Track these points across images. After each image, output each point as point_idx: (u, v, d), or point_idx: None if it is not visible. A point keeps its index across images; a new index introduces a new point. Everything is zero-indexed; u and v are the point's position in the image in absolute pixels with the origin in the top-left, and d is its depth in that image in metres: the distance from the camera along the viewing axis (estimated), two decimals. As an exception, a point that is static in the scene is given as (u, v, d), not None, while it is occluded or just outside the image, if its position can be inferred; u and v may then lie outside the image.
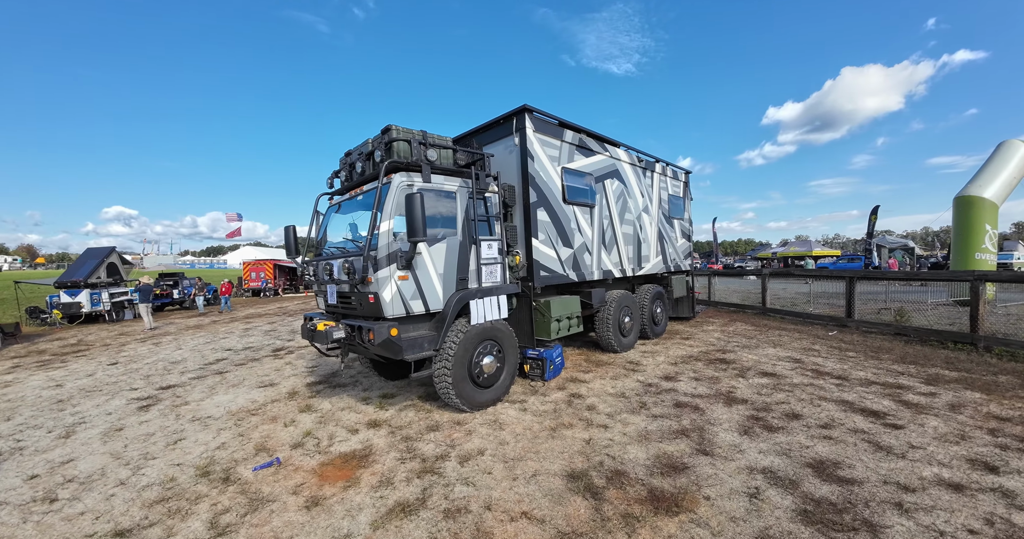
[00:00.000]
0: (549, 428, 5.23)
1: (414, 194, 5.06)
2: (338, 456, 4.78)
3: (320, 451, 4.92)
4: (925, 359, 7.43)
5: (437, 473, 4.30)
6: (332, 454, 4.83)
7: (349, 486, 4.15)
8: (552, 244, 7.01)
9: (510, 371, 6.29)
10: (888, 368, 7.00)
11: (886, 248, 27.61)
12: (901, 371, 6.82)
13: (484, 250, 6.17)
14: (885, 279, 9.72)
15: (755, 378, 6.72)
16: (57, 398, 7.28)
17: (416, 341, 5.53)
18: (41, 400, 7.22)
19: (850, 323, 9.89)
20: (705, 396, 6.04)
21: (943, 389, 5.98)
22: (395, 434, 5.25)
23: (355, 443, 5.07)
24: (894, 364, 7.22)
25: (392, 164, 5.50)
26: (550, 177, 7.01)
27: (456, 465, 4.44)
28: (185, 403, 6.81)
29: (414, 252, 5.33)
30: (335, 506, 3.85)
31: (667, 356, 8.21)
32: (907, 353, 7.83)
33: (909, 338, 8.79)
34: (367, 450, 4.87)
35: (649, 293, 9.48)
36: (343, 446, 5.01)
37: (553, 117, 7.18)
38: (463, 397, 5.68)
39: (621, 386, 6.58)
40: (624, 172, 8.82)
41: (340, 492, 4.06)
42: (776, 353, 8.15)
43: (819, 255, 35.81)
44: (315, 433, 5.41)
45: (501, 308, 6.20)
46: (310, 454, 4.87)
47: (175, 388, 7.58)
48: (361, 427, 5.52)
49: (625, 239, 8.76)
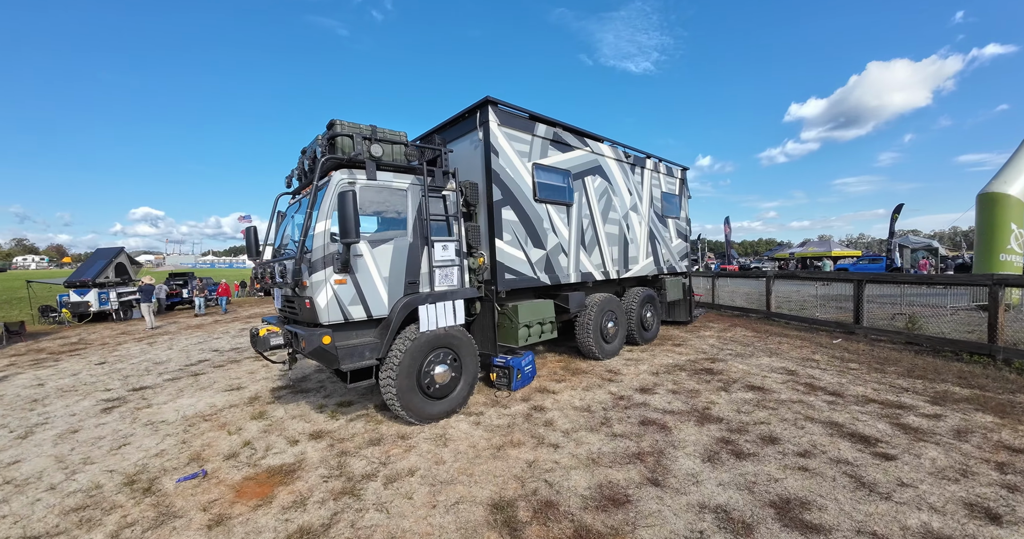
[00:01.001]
0: (495, 446, 4.70)
1: (346, 192, 4.63)
2: (265, 470, 4.42)
3: (250, 464, 4.58)
4: (935, 373, 6.55)
5: (356, 495, 3.88)
6: (260, 468, 4.49)
7: (261, 505, 3.81)
8: (520, 245, 6.46)
9: (468, 381, 5.78)
10: (891, 383, 6.17)
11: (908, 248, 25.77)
12: (906, 387, 5.99)
13: (438, 251, 5.68)
14: (895, 282, 8.78)
15: (739, 392, 6.01)
16: (33, 397, 7.16)
17: (356, 349, 5.10)
18: (18, 399, 7.11)
19: (858, 330, 8.97)
20: (677, 413, 5.39)
21: (950, 410, 5.16)
22: (333, 447, 4.84)
23: (289, 456, 4.69)
24: (899, 378, 6.37)
25: (331, 161, 5.08)
26: (518, 173, 6.46)
27: (379, 487, 4.00)
28: (148, 406, 6.57)
29: (348, 254, 4.89)
30: (236, 528, 3.52)
31: (651, 365, 7.55)
32: (916, 366, 6.94)
33: (921, 348, 7.86)
34: (297, 464, 4.49)
35: (638, 296, 8.80)
36: (275, 459, 4.64)
37: (523, 110, 6.62)
38: (410, 409, 5.21)
39: (590, 398, 5.99)
40: (608, 168, 8.18)
41: (249, 512, 3.73)
42: (770, 363, 7.38)
43: (838, 256, 33.73)
44: (255, 443, 5.06)
45: (457, 314, 5.69)
46: (239, 467, 4.53)
47: (146, 390, 7.37)
48: (303, 438, 5.13)
49: (609, 239, 8.12)
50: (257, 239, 6.23)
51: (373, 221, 5.92)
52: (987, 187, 10.56)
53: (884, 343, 8.41)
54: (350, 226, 4.63)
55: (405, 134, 5.80)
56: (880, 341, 8.56)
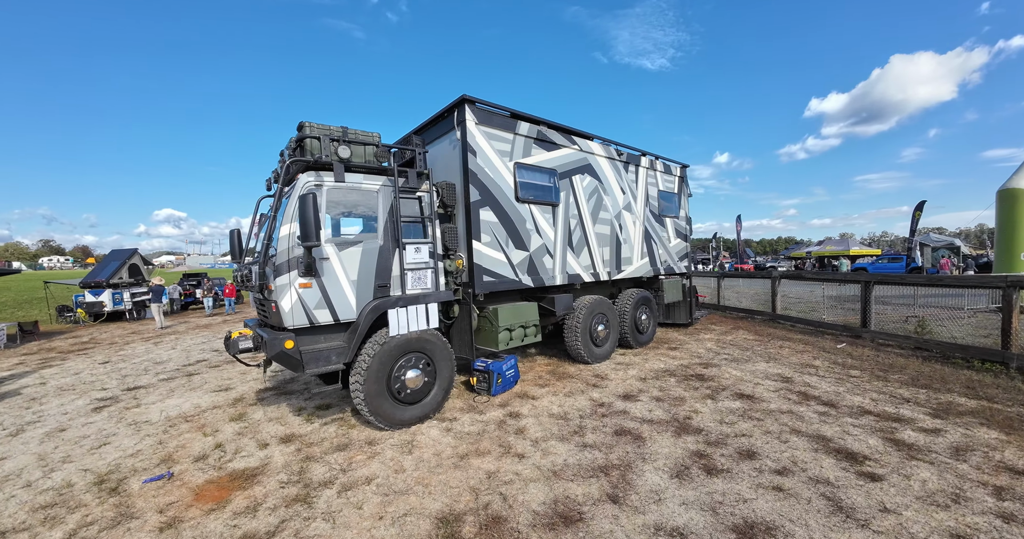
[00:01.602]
0: (460, 455, 4.52)
1: (306, 195, 4.53)
2: (228, 474, 4.38)
3: (216, 466, 4.56)
4: (941, 382, 6.07)
5: (308, 503, 3.78)
6: (224, 471, 4.45)
7: (215, 509, 3.75)
8: (501, 247, 6.26)
9: (443, 386, 5.60)
10: (892, 393, 5.74)
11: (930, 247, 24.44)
12: (907, 397, 5.55)
13: (410, 254, 5.51)
14: (904, 284, 8.22)
15: (726, 401, 5.68)
16: (33, 396, 7.30)
17: (322, 354, 5.00)
18: (19, 397, 7.26)
19: (865, 334, 8.45)
20: (656, 422, 5.11)
21: (952, 424, 4.73)
22: (300, 452, 4.75)
23: (255, 460, 4.63)
24: (901, 388, 5.92)
25: (298, 164, 4.99)
26: (498, 173, 6.25)
27: (334, 494, 3.89)
28: (137, 406, 6.62)
29: (310, 257, 4.77)
30: (185, 532, 3.47)
31: (641, 370, 7.24)
32: (922, 373, 6.46)
33: (930, 354, 7.33)
34: (261, 469, 4.43)
35: (632, 298, 8.48)
36: (241, 462, 4.59)
37: (504, 108, 6.41)
38: (379, 414, 5.07)
39: (570, 405, 5.74)
40: (599, 167, 7.89)
41: (202, 516, 3.68)
42: (766, 369, 6.99)
43: (857, 255, 32.21)
44: (226, 446, 5.03)
45: (430, 317, 5.52)
46: (205, 469, 4.52)
47: (139, 390, 7.44)
48: (273, 442, 5.07)
49: (599, 240, 7.84)
50: (241, 241, 6.19)
51: (350, 223, 5.80)
52: (1007, 183, 9.86)
53: (891, 348, 7.89)
54: (310, 229, 4.52)
55: (378, 135, 5.66)
56: (887, 346, 8.04)
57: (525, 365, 7.76)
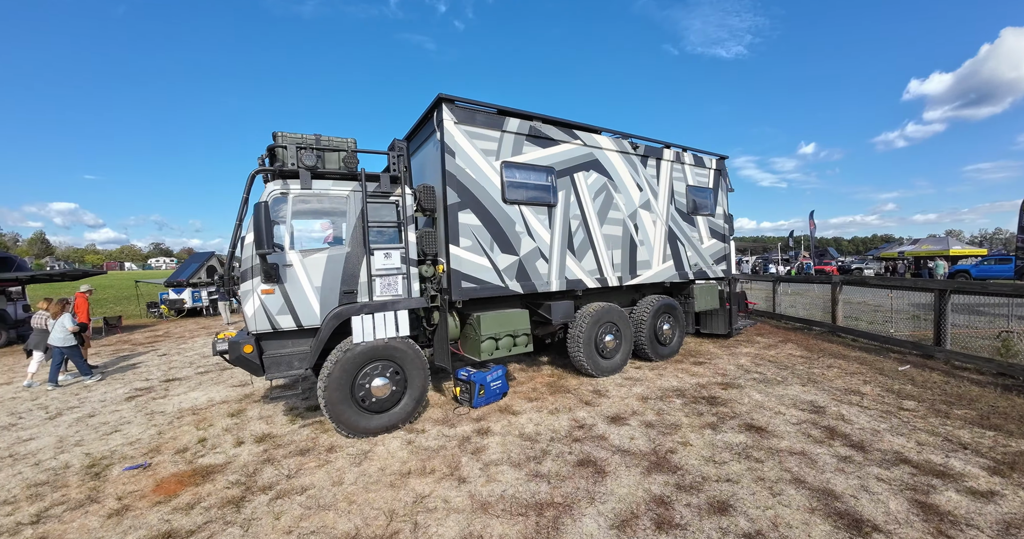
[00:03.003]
0: (404, 472, 4.26)
1: (259, 203, 4.61)
2: (194, 468, 4.56)
3: (188, 460, 4.71)
4: (1020, 421, 4.67)
5: (238, 507, 3.81)
6: (193, 465, 4.58)
7: (162, 502, 3.88)
8: (484, 251, 5.88)
9: (414, 396, 5.37)
10: (948, 435, 4.51)
11: None
12: (966, 442, 4.32)
13: (380, 260, 5.34)
14: (986, 293, 6.48)
15: (729, 433, 4.83)
16: (87, 384, 8.19)
17: (284, 359, 5.05)
18: (75, 385, 8.13)
19: (938, 353, 6.86)
20: (632, 453, 4.45)
21: (1015, 486, 3.56)
22: (265, 453, 4.82)
23: (223, 457, 4.80)
24: (963, 428, 4.64)
25: (258, 172, 5.03)
26: (482, 174, 5.87)
27: (265, 501, 3.87)
28: (163, 397, 7.17)
29: (267, 265, 4.77)
30: (126, 521, 3.64)
31: (648, 387, 6.47)
32: (996, 409, 5.04)
33: (1016, 382, 5.73)
34: (223, 466, 4.57)
35: (651, 306, 7.65)
36: (212, 458, 4.77)
37: (489, 105, 6.00)
38: (342, 422, 4.98)
39: (548, 425, 5.23)
40: (608, 162, 7.17)
41: (148, 508, 3.81)
42: (798, 394, 5.89)
43: (958, 255, 26.94)
44: (209, 441, 5.25)
45: (399, 325, 5.31)
46: (177, 462, 4.74)
47: (174, 381, 8.06)
48: (249, 440, 5.19)
49: (608, 242, 7.13)
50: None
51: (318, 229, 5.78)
52: None
53: (968, 373, 6.31)
54: (262, 237, 4.54)
55: (353, 141, 5.54)
56: (964, 369, 6.45)
57: (527, 374, 7.32)
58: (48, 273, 12.38)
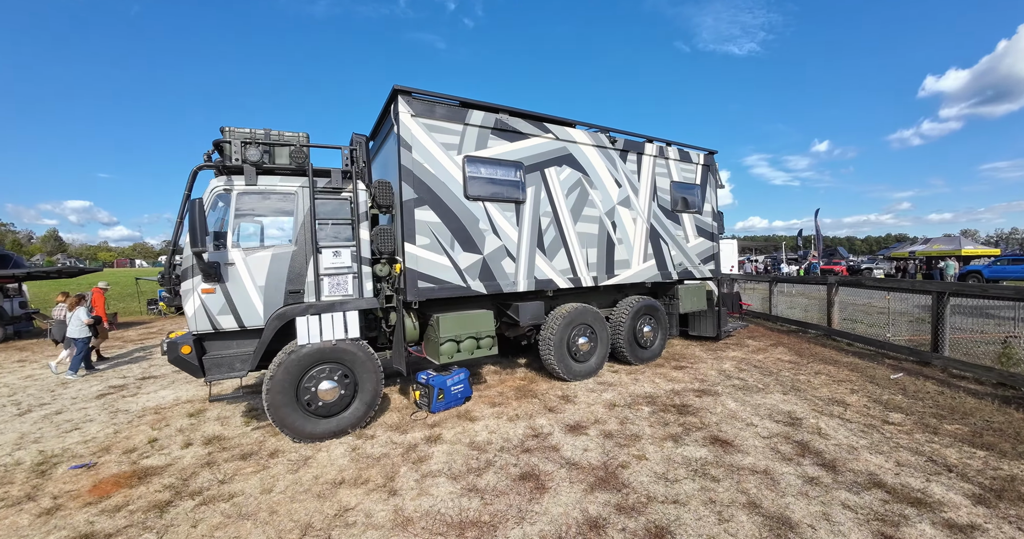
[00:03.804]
0: (337, 481, 4.01)
1: (195, 200, 4.39)
2: (135, 470, 4.37)
3: (133, 461, 4.58)
4: (1015, 440, 4.15)
5: (164, 512, 3.63)
6: (136, 466, 4.45)
7: (92, 504, 3.78)
8: (444, 249, 5.56)
9: (366, 400, 5.09)
10: (934, 454, 4.02)
11: None
12: (952, 464, 3.83)
13: (328, 258, 5.07)
14: (987, 297, 5.89)
15: (691, 447, 4.42)
16: (65, 380, 8.11)
17: (225, 360, 4.84)
18: (52, 381, 8.00)
19: (935, 360, 6.30)
20: (581, 467, 4.08)
21: (1000, 519, 3.09)
22: (210, 456, 4.67)
23: (167, 459, 4.68)
24: (951, 445, 4.15)
25: (201, 168, 4.82)
26: (442, 169, 5.56)
27: (190, 507, 3.71)
28: (133, 395, 7.05)
29: (203, 263, 4.54)
30: (53, 520, 3.57)
31: (619, 393, 6.07)
32: (991, 424, 4.51)
33: (1017, 394, 5.17)
34: (163, 468, 4.45)
35: (631, 307, 7.24)
36: (156, 460, 4.65)
37: (451, 97, 5.68)
38: (286, 426, 4.74)
39: (503, 432, 4.89)
40: (583, 157, 6.78)
41: (79, 508, 3.73)
42: (776, 404, 5.43)
43: (970, 255, 25.51)
44: (160, 441, 5.13)
45: (349, 326, 5.03)
46: (122, 462, 4.56)
47: (149, 379, 7.94)
48: (197, 442, 5.04)
49: (583, 240, 6.74)
50: None
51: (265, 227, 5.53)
52: None
53: (966, 382, 5.75)
54: (196, 235, 4.33)
55: (305, 135, 5.29)
56: (962, 378, 5.88)
57: (499, 377, 6.99)
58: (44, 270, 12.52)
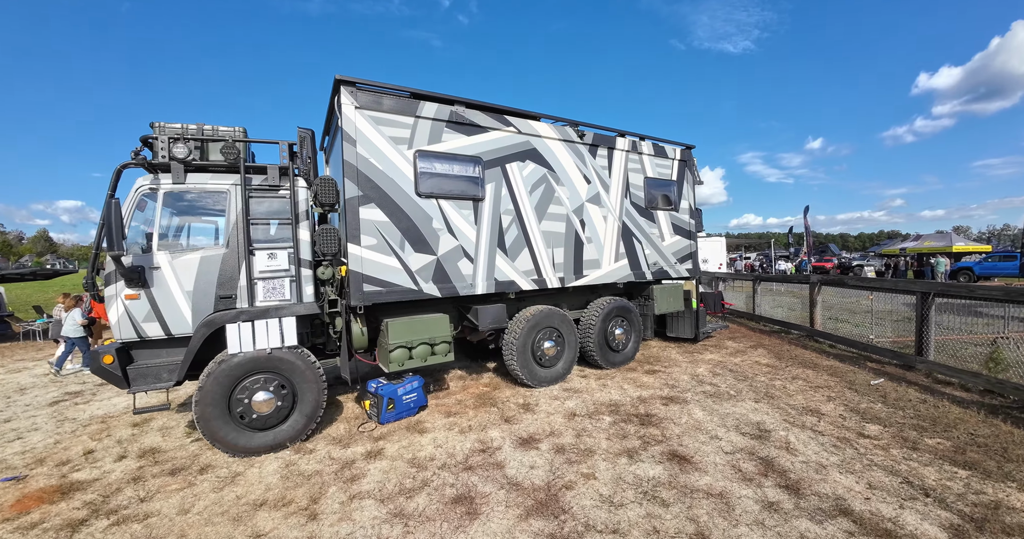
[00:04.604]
0: (258, 503, 3.66)
1: (111, 201, 3.99)
2: (62, 484, 4.06)
3: (63, 475, 4.27)
4: (1002, 457, 3.70)
5: (76, 531, 3.35)
6: (64, 480, 4.14)
7: (9, 520, 3.54)
8: (393, 250, 5.15)
9: (306, 412, 4.69)
10: (911, 474, 3.58)
11: None
12: (929, 487, 3.38)
13: (262, 261, 4.66)
14: (973, 298, 5.42)
15: (646, 464, 4.00)
16: (24, 387, 7.66)
17: (151, 370, 4.48)
18: (9, 388, 7.59)
19: (920, 364, 5.84)
20: (523, 488, 3.67)
21: None
22: (140, 470, 4.33)
23: (97, 472, 4.28)
24: (931, 464, 3.69)
25: (126, 166, 4.43)
26: (390, 164, 5.13)
27: (105, 526, 3.45)
28: (87, 402, 6.71)
29: (123, 268, 4.16)
30: None
31: (583, 401, 5.64)
32: (975, 439, 4.06)
33: (1004, 403, 4.73)
34: (89, 484, 4.05)
35: (601, 309, 6.80)
36: (85, 473, 4.27)
37: (400, 88, 5.25)
38: (218, 440, 4.37)
39: (449, 447, 4.48)
40: (548, 151, 6.33)
41: None
42: (747, 414, 4.99)
43: (961, 251, 24.87)
44: (96, 453, 4.80)
45: (285, 333, 4.62)
46: (51, 476, 4.25)
47: (107, 386, 7.47)
48: (132, 455, 4.70)
49: (548, 239, 6.31)
50: None
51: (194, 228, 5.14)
52: None
53: (951, 389, 5.29)
54: (112, 238, 3.94)
55: (242, 130, 4.89)
56: (947, 384, 5.43)
57: (462, 383, 6.57)
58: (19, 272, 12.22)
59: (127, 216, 4.39)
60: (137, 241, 4.69)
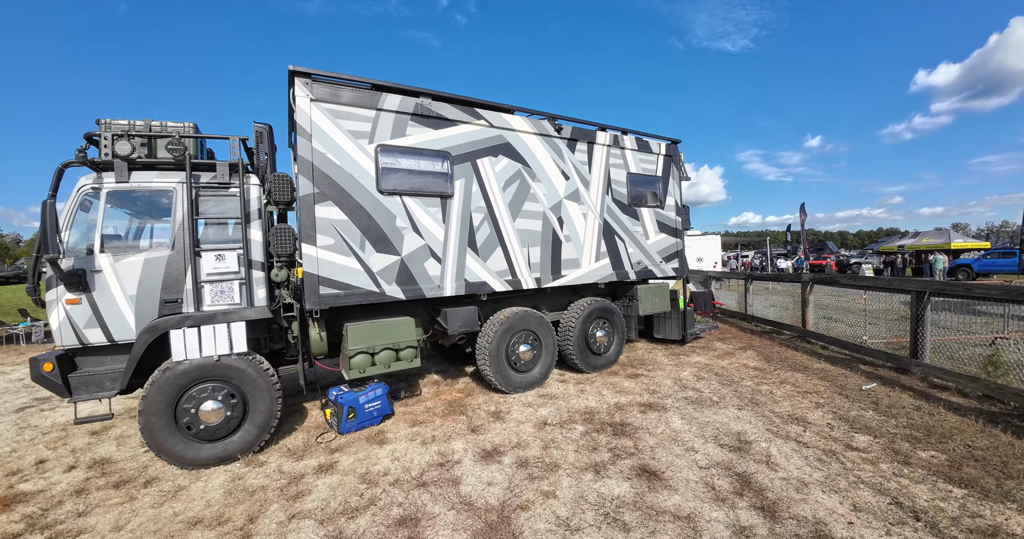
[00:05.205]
0: (192, 521, 3.38)
1: (45, 202, 3.74)
2: (6, 495, 3.85)
3: (10, 485, 4.07)
4: (1001, 472, 3.31)
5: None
6: (10, 491, 3.94)
7: None
8: (352, 251, 4.82)
9: (258, 423, 4.37)
10: (902, 492, 3.20)
11: None
12: (920, 510, 3.00)
13: (210, 263, 4.35)
14: (970, 297, 5.01)
15: (612, 480, 3.65)
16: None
17: (93, 379, 4.20)
18: None
19: (915, 367, 5.44)
20: (473, 508, 3.33)
21: None
22: (87, 482, 4.08)
23: (45, 483, 4.06)
24: (922, 482, 3.30)
25: (68, 165, 4.13)
26: (349, 159, 4.81)
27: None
28: (53, 408, 6.44)
29: (61, 271, 3.87)
30: None
31: (557, 408, 5.28)
32: (972, 451, 3.66)
33: (1004, 410, 4.32)
34: (33, 495, 3.84)
35: (581, 310, 6.44)
36: (32, 484, 4.05)
37: (360, 79, 4.92)
38: (163, 452, 4.10)
39: (406, 460, 4.14)
40: (523, 146, 5.98)
41: None
42: (728, 422, 4.62)
43: (960, 248, 24.15)
44: (48, 463, 4.55)
45: (234, 339, 4.31)
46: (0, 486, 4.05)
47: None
48: (82, 465, 4.44)
49: (523, 238, 5.95)
50: None
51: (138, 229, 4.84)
52: None
53: (948, 394, 4.88)
54: (48, 241, 3.67)
55: (192, 125, 4.59)
56: (943, 389, 5.02)
57: (436, 389, 6.23)
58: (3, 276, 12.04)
59: (69, 217, 4.15)
60: (82, 243, 4.41)
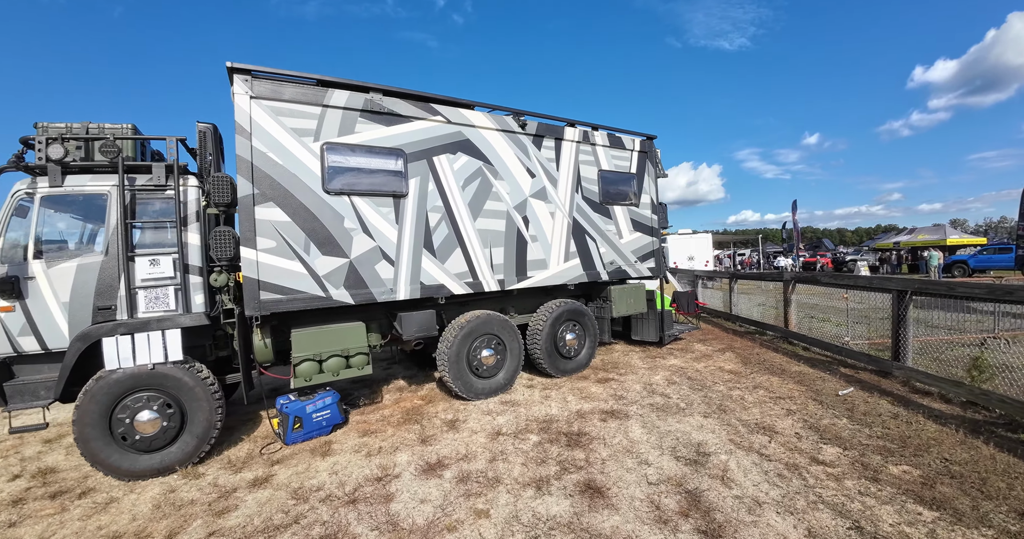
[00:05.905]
0: (112, 536, 3.20)
1: None
2: None
3: None
4: (979, 491, 2.94)
5: None
6: None
7: None
8: (296, 254, 4.56)
9: (196, 433, 4.14)
10: (864, 516, 2.84)
11: None
12: (883, 536, 2.66)
13: (144, 268, 4.13)
14: (954, 296, 4.61)
15: (554, 497, 3.34)
16: None
17: (28, 387, 4.03)
18: None
19: (896, 370, 5.05)
20: (398, 530, 3.05)
21: None
22: (27, 492, 3.95)
23: None
24: (889, 502, 2.94)
25: (2, 170, 3.98)
26: (292, 158, 4.54)
27: None
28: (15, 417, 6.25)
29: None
30: None
31: (516, 416, 4.97)
32: (949, 466, 3.28)
33: (989, 417, 3.94)
34: None
35: (550, 313, 6.13)
36: None
37: (305, 75, 4.66)
38: (99, 463, 3.91)
39: (344, 474, 3.87)
40: (484, 143, 5.67)
41: None
42: (690, 431, 4.27)
43: (956, 245, 23.26)
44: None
45: (169, 347, 4.06)
46: None
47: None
48: (27, 474, 4.31)
49: (484, 238, 5.66)
50: None
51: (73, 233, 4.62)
52: None
53: (930, 399, 4.49)
54: None
55: (130, 127, 4.38)
56: (924, 395, 4.62)
57: (398, 395, 5.94)
58: None
59: (4, 222, 4.00)
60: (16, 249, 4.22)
